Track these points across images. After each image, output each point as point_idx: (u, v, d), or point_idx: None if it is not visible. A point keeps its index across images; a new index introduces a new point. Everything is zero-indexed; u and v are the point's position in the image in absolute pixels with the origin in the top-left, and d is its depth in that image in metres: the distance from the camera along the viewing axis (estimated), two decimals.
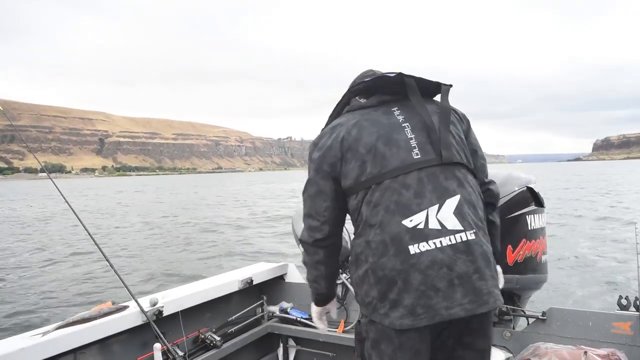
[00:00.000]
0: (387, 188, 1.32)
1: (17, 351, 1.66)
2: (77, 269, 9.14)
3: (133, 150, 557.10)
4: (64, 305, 6.48)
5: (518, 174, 2.42)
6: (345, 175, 1.39)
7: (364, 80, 1.49)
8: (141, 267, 9.31)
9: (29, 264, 9.78)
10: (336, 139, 1.41)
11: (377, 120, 1.41)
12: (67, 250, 11.34)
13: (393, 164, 1.33)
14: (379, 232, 1.30)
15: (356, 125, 1.41)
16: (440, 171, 1.33)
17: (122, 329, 2.02)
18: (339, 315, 2.70)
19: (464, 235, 1.28)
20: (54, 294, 7.21)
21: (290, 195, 34.84)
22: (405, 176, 1.32)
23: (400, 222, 1.28)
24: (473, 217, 1.33)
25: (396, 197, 1.30)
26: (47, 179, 35.67)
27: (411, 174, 1.32)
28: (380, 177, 1.33)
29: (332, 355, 2.71)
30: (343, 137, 1.40)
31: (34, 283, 8.01)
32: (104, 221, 18.76)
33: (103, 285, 7.47)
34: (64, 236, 13.97)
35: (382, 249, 1.29)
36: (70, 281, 8.04)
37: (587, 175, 55.51)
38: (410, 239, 1.26)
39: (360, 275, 1.36)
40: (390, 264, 1.27)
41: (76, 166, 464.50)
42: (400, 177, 1.32)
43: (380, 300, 1.29)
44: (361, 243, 1.35)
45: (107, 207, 27.69)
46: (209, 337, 2.38)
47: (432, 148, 1.36)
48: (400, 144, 1.36)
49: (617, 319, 1.97)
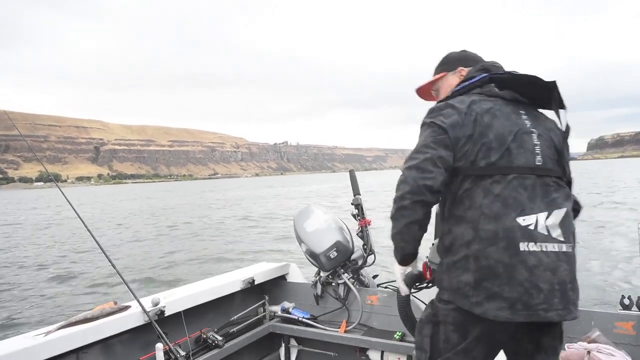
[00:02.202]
0: (510, 183, 1.35)
1: (20, 351, 1.67)
2: (79, 269, 9.10)
3: (129, 158, 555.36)
4: (66, 305, 6.46)
5: None
6: (465, 155, 1.40)
7: (507, 72, 1.50)
8: (143, 267, 9.28)
9: (32, 265, 9.73)
10: (469, 116, 1.41)
11: (509, 115, 1.44)
12: (70, 251, 11.28)
13: (520, 162, 1.37)
14: (492, 222, 1.32)
15: (489, 112, 1.42)
16: (552, 182, 1.39)
17: (124, 329, 2.02)
18: (341, 316, 2.71)
19: (564, 246, 1.34)
20: (57, 294, 7.18)
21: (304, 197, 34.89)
22: (525, 178, 1.36)
23: (515, 218, 1.31)
24: (573, 231, 1.39)
25: (515, 194, 1.34)
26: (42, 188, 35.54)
27: (530, 178, 1.37)
28: (508, 170, 1.36)
29: (333, 355, 2.71)
30: (476, 117, 1.41)
31: (37, 283, 7.97)
32: (106, 223, 18.66)
33: (105, 285, 7.44)
34: (67, 238, 13.90)
35: (493, 239, 1.31)
36: (72, 281, 8.01)
37: (587, 174, 55.63)
38: (521, 236, 1.30)
39: (455, 260, 1.37)
40: (497, 255, 1.29)
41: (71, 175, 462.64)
42: (522, 177, 1.36)
43: (474, 288, 1.31)
44: (466, 229, 1.36)
45: (110, 211, 27.55)
46: (211, 337, 2.38)
47: (551, 160, 1.42)
48: (527, 146, 1.40)
49: (620, 319, 1.97)
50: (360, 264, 2.85)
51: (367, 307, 2.66)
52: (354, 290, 2.67)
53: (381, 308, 2.62)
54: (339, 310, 2.74)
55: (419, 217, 1.43)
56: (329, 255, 2.67)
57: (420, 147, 1.43)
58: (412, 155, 1.43)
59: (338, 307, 2.75)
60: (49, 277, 8.50)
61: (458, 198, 1.41)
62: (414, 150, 1.45)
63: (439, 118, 1.43)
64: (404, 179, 1.42)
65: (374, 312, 2.65)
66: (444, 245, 1.44)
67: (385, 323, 2.58)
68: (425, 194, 1.38)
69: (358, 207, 2.96)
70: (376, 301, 2.65)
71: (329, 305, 2.80)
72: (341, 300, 2.73)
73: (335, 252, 2.68)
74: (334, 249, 2.68)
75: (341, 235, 2.77)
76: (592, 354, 1.81)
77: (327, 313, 2.78)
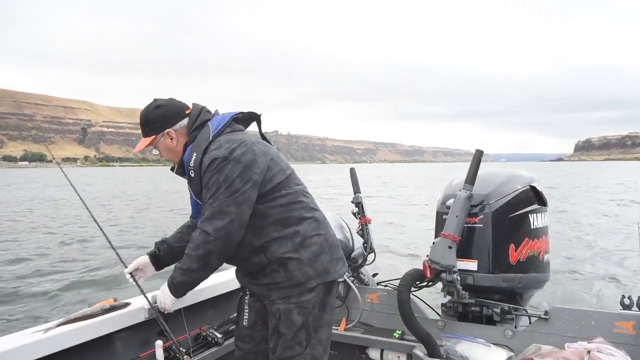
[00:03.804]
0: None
1: (19, 348, 1.63)
2: (79, 265, 8.95)
3: (116, 141, 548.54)
4: (65, 302, 6.36)
5: (521, 173, 2.43)
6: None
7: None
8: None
9: (32, 259, 9.56)
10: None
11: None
12: (68, 247, 11.10)
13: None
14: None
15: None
16: None
17: (124, 326, 2.00)
18: (341, 314, 2.70)
19: None
20: (56, 290, 7.06)
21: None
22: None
23: None
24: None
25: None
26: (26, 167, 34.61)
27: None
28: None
29: (333, 353, 2.70)
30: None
31: (36, 279, 7.84)
32: (104, 214, 18.21)
33: (105, 282, 7.34)
34: (66, 230, 13.67)
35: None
36: (72, 277, 7.88)
37: (582, 173, 56.21)
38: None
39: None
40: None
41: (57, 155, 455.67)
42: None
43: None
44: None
45: (105, 197, 26.97)
46: (211, 335, 2.36)
47: None
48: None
49: (620, 319, 1.97)
50: (360, 262, 2.84)
51: (366, 306, 2.65)
52: (353, 288, 2.66)
53: (381, 306, 2.62)
54: (338, 309, 2.73)
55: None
56: None
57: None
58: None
59: (337, 305, 2.73)
60: (47, 272, 8.36)
61: None
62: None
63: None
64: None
65: (373, 311, 2.64)
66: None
67: (385, 321, 2.58)
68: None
69: (358, 205, 2.94)
70: (376, 299, 2.65)
71: None
72: (341, 298, 2.72)
73: None
74: None
75: (341, 233, 2.75)
76: (592, 354, 1.82)
77: None
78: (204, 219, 1.65)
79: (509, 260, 2.18)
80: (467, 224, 2.18)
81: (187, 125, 1.78)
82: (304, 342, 1.74)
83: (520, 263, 2.21)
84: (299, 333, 1.74)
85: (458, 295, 2.15)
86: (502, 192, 2.24)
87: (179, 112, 1.79)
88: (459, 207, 2.13)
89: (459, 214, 2.12)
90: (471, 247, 2.20)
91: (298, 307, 1.73)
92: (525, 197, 2.29)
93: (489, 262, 2.16)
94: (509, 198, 2.24)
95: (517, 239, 2.22)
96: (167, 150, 1.80)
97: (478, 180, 2.18)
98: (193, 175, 1.70)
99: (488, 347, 2.12)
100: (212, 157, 1.64)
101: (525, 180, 2.35)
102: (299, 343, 1.74)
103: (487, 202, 2.20)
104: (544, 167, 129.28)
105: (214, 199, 1.63)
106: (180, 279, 1.72)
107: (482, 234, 2.18)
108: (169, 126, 1.76)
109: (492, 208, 2.19)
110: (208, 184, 1.65)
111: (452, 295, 2.21)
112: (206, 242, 1.63)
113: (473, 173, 2.16)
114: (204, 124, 1.77)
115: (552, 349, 1.96)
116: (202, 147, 1.70)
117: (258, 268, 1.77)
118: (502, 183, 2.30)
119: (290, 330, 1.73)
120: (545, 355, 1.94)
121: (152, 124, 1.77)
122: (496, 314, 2.23)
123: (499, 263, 2.17)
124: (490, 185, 2.26)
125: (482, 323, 2.28)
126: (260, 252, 1.73)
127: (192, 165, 1.70)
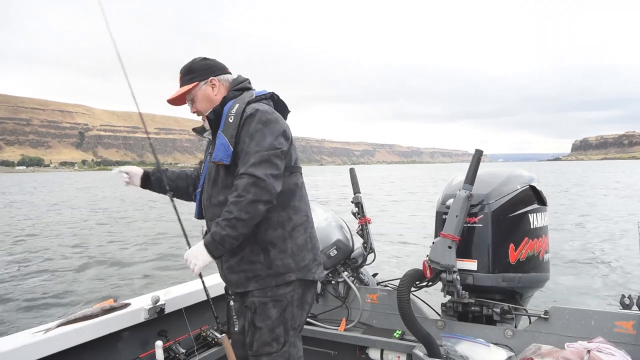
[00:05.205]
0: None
1: (19, 348, 1.63)
2: (79, 266, 8.91)
3: (114, 145, 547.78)
4: (65, 303, 6.34)
5: (520, 172, 2.43)
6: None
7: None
8: (144, 264, 9.10)
9: (31, 261, 9.51)
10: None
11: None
12: (68, 248, 11.05)
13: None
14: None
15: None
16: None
17: (124, 326, 1.99)
18: (341, 314, 2.70)
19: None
20: (56, 291, 7.04)
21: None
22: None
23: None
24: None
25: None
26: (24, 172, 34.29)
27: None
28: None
29: (333, 353, 2.70)
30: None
31: (36, 280, 7.80)
32: (103, 216, 18.12)
33: (105, 283, 7.30)
34: (66, 233, 13.62)
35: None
36: (72, 278, 7.85)
37: (581, 173, 56.27)
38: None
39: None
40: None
41: (55, 160, 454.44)
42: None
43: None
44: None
45: (105, 201, 26.87)
46: (211, 335, 2.35)
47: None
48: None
49: (620, 318, 1.97)
50: (360, 262, 2.84)
51: (367, 306, 2.65)
52: (353, 288, 2.66)
53: (381, 306, 2.62)
54: (338, 309, 2.73)
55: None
56: (329, 254, 2.65)
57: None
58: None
59: (338, 305, 2.74)
60: (48, 273, 8.33)
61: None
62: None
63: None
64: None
65: (373, 311, 2.64)
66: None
67: (385, 321, 2.58)
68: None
69: (358, 205, 2.95)
70: (376, 299, 2.65)
71: (328, 303, 2.79)
72: (341, 298, 2.72)
73: (335, 251, 2.67)
74: (334, 247, 2.67)
75: (341, 234, 2.75)
76: (592, 354, 1.82)
77: (327, 311, 2.77)
78: (251, 165, 1.59)
79: (509, 260, 2.18)
80: (467, 224, 2.18)
81: (231, 82, 1.86)
82: (282, 339, 1.71)
83: (520, 263, 2.21)
84: (277, 329, 1.70)
85: (458, 295, 2.15)
86: (501, 192, 2.25)
87: (223, 68, 1.88)
88: (459, 207, 2.13)
89: (458, 213, 2.12)
90: (471, 247, 2.20)
91: (273, 301, 1.70)
92: (525, 196, 2.30)
93: (489, 261, 2.16)
94: (508, 198, 2.24)
95: (517, 238, 2.22)
96: (205, 98, 1.82)
97: (478, 180, 2.18)
98: (232, 120, 1.69)
99: (488, 347, 2.11)
100: (255, 108, 1.68)
101: (525, 180, 2.35)
102: (276, 340, 1.70)
103: (486, 202, 2.20)
104: (542, 167, 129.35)
105: (261, 147, 1.62)
106: (226, 232, 1.57)
107: (482, 233, 2.18)
108: (214, 75, 1.83)
109: (492, 208, 2.19)
110: (253, 134, 1.65)
111: (452, 295, 2.21)
112: (256, 185, 1.56)
113: (473, 173, 2.17)
114: (247, 89, 1.84)
115: (552, 349, 1.96)
116: (245, 101, 1.74)
117: (239, 249, 1.69)
118: (502, 183, 2.30)
119: (266, 325, 1.69)
120: (545, 355, 1.93)
121: (197, 71, 1.82)
122: (496, 313, 2.23)
123: (498, 263, 2.17)
124: (490, 185, 2.27)
125: (482, 323, 2.28)
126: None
127: (233, 112, 1.71)
